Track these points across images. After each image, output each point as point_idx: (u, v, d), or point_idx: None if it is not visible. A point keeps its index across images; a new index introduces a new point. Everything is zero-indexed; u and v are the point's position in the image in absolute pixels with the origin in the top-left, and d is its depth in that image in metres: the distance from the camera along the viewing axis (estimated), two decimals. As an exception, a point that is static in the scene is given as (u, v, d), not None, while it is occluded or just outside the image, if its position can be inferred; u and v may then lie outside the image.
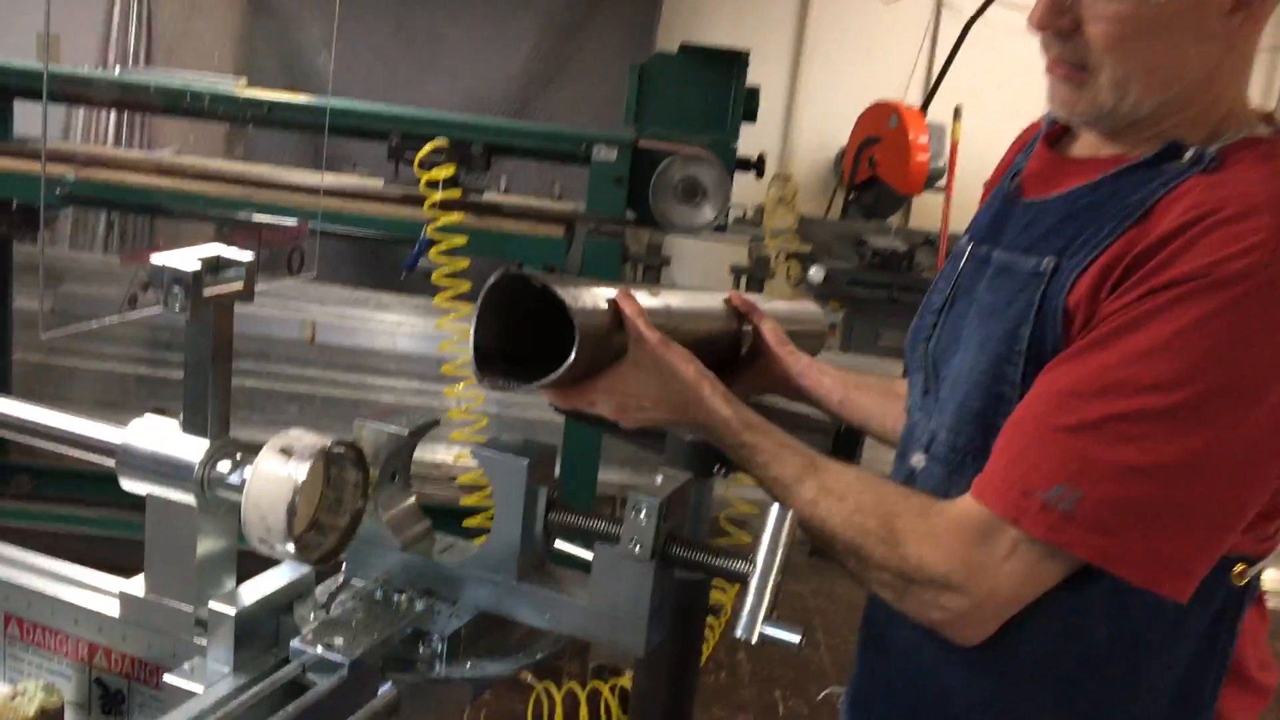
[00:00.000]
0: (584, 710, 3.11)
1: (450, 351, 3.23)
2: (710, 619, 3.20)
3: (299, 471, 1.00)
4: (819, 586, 4.06)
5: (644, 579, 1.04)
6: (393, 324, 4.62)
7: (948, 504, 1.14)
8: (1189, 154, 1.11)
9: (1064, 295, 1.10)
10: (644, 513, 1.03)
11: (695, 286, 1.73)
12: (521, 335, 1.23)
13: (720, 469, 1.41)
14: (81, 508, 3.74)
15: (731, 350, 1.53)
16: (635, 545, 1.04)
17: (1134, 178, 1.13)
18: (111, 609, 1.15)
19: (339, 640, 1.02)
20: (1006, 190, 1.29)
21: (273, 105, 3.48)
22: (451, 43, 5.30)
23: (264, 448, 1.03)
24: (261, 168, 3.82)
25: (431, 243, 3.16)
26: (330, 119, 3.22)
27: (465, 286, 3.11)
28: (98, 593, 1.18)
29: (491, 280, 1.20)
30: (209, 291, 1.05)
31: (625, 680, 3.17)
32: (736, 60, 3.55)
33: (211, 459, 1.07)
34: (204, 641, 1.08)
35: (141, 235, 5.66)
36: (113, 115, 5.77)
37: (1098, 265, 1.09)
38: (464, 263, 3.14)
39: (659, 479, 1.08)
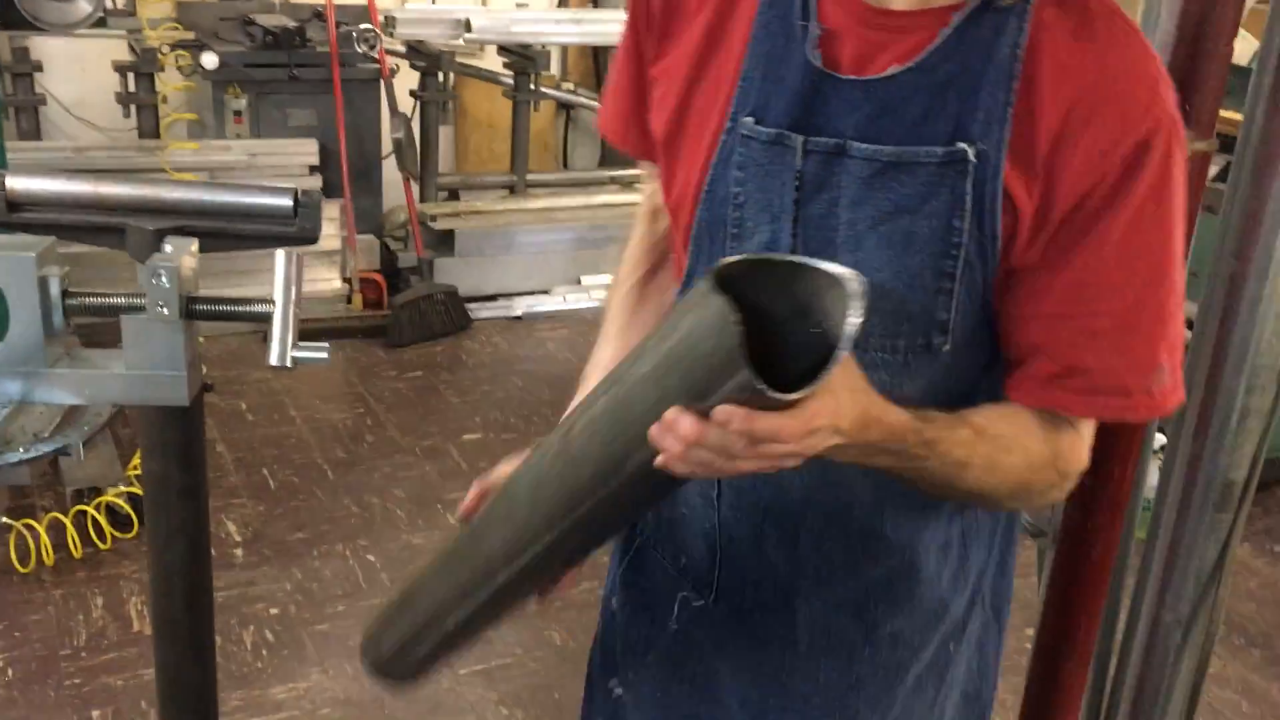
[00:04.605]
0: (72, 533, 3.05)
1: None
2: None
3: None
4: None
5: (176, 336, 1.16)
6: None
7: (1084, 423, 1.15)
8: None
9: (999, 179, 1.06)
10: (164, 277, 1.14)
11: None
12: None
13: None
14: None
15: None
16: (163, 308, 1.15)
17: (979, 26, 1.08)
18: None
19: (-113, 452, 1.05)
20: (806, 66, 1.11)
21: None
22: None
23: None
24: None
25: None
26: None
27: None
28: None
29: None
30: None
31: (109, 497, 3.14)
32: None
33: None
34: None
35: None
36: None
37: (1019, 138, 1.06)
38: None
39: (168, 248, 1.18)
